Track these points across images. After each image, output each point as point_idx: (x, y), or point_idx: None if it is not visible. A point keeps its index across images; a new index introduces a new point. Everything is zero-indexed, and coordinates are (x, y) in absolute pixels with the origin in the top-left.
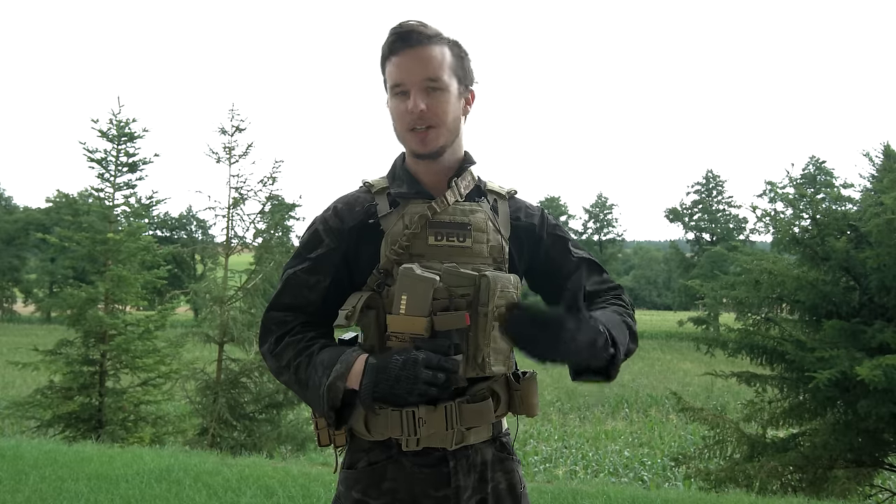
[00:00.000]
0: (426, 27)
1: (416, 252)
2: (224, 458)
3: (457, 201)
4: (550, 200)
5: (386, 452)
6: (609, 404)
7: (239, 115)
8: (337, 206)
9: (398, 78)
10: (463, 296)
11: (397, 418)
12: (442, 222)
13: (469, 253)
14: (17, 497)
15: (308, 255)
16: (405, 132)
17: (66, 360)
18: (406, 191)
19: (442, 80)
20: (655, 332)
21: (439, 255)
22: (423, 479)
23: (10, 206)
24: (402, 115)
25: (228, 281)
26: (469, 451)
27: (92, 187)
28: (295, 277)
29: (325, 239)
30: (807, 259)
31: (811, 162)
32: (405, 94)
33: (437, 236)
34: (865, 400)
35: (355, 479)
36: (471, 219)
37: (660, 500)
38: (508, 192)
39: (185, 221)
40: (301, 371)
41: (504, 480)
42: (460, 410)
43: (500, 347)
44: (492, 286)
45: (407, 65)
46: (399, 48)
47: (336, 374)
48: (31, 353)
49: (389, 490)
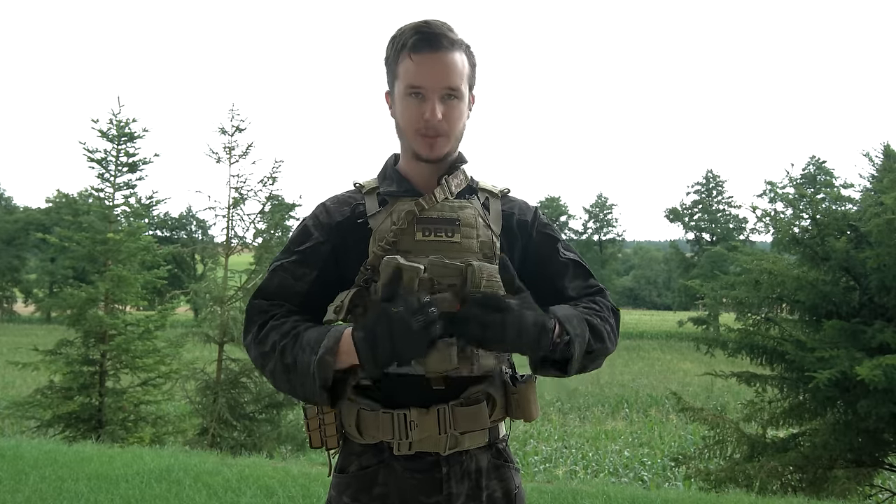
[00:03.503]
0: (452, 32)
1: (403, 248)
2: (224, 458)
3: (446, 198)
4: (550, 200)
5: (378, 456)
6: (609, 404)
7: (239, 115)
8: (326, 203)
9: (418, 81)
10: (450, 286)
11: (388, 420)
12: (430, 218)
13: (457, 248)
14: (17, 497)
15: (296, 248)
16: (414, 134)
17: (66, 360)
18: (395, 189)
19: (459, 90)
20: (655, 332)
21: (427, 251)
22: (415, 484)
23: (10, 206)
24: (416, 118)
25: (228, 281)
26: (463, 456)
27: (92, 187)
28: (282, 269)
29: (314, 233)
30: (807, 259)
31: (811, 162)
32: (421, 97)
33: (425, 232)
34: (865, 400)
35: (346, 483)
36: (459, 214)
37: (660, 500)
38: (501, 191)
39: (185, 221)
40: (287, 354)
41: (500, 488)
42: (453, 413)
43: None
44: (478, 275)
45: (429, 69)
46: (423, 49)
47: (325, 349)
48: (31, 353)
49: (380, 495)
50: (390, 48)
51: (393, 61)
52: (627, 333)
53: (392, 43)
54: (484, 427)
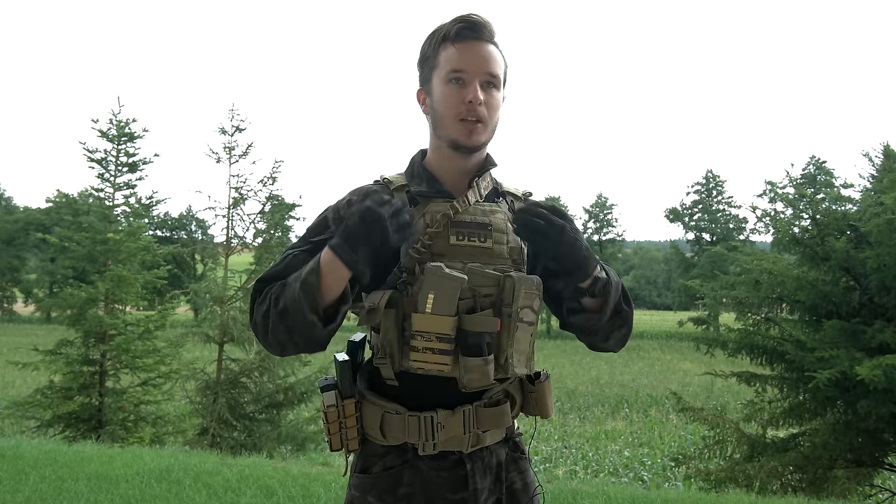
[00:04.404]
0: (492, 26)
1: (437, 251)
2: (224, 458)
3: (477, 201)
4: (550, 200)
5: (402, 457)
6: (609, 404)
7: (239, 115)
8: (352, 198)
9: (461, 64)
10: (486, 296)
11: (415, 423)
12: (463, 222)
13: (490, 253)
14: (17, 497)
15: (311, 238)
16: (454, 120)
17: (66, 360)
18: (426, 189)
19: (499, 79)
20: (655, 332)
21: (461, 255)
22: (441, 482)
23: (10, 206)
24: (457, 102)
25: (228, 281)
26: (484, 452)
27: (92, 187)
28: (294, 257)
29: (331, 226)
30: (807, 259)
31: (811, 162)
32: (462, 83)
33: (459, 236)
34: (865, 400)
35: (371, 483)
36: (491, 219)
37: (660, 500)
38: (524, 194)
39: (185, 221)
40: (279, 299)
41: (519, 480)
42: (477, 414)
43: (523, 349)
44: (517, 287)
45: (473, 55)
46: (467, 36)
47: (308, 271)
48: (31, 353)
49: (405, 495)
50: (427, 45)
51: (432, 54)
52: None
53: (430, 39)
54: (506, 426)
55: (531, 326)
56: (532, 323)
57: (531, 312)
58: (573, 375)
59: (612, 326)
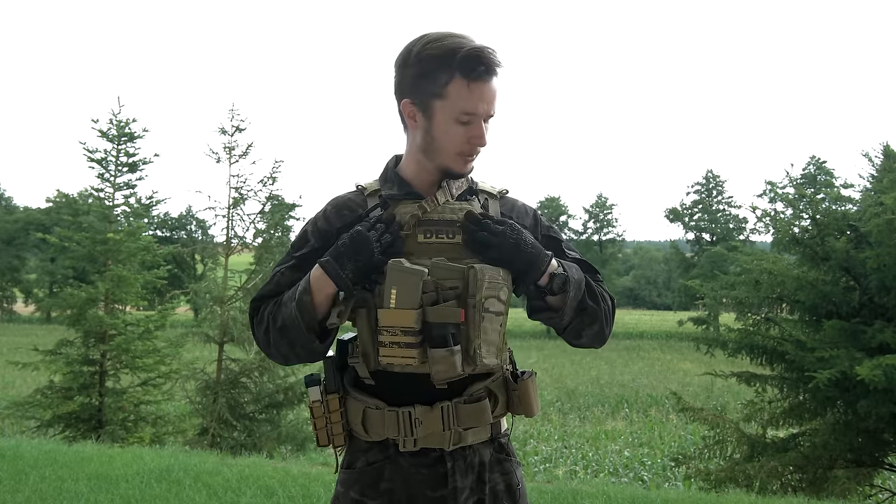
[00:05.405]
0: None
1: (406, 251)
2: (224, 458)
3: (447, 201)
4: (550, 200)
5: (384, 453)
6: (609, 404)
7: (239, 115)
8: (327, 208)
9: (475, 108)
10: (451, 288)
11: (394, 418)
12: (431, 220)
13: (459, 249)
14: (17, 497)
15: (294, 253)
16: (454, 154)
17: (66, 360)
18: (396, 192)
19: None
20: (655, 332)
21: (429, 252)
22: (421, 479)
23: (10, 206)
24: (463, 141)
25: (228, 281)
26: (467, 451)
27: (92, 187)
28: (280, 275)
29: (311, 239)
30: (807, 259)
31: (811, 162)
32: (470, 122)
33: (427, 234)
34: (865, 400)
35: (354, 479)
36: (460, 216)
37: (660, 500)
38: (500, 192)
39: (185, 221)
40: (277, 317)
41: (502, 481)
42: (457, 411)
43: (491, 339)
44: (479, 277)
45: (485, 97)
46: (483, 76)
47: (300, 291)
48: (31, 353)
49: (387, 490)
50: (432, 63)
51: (436, 78)
52: (627, 333)
53: (436, 59)
54: (487, 423)
55: (499, 317)
56: (500, 313)
57: (498, 302)
58: (573, 375)
59: (580, 324)
